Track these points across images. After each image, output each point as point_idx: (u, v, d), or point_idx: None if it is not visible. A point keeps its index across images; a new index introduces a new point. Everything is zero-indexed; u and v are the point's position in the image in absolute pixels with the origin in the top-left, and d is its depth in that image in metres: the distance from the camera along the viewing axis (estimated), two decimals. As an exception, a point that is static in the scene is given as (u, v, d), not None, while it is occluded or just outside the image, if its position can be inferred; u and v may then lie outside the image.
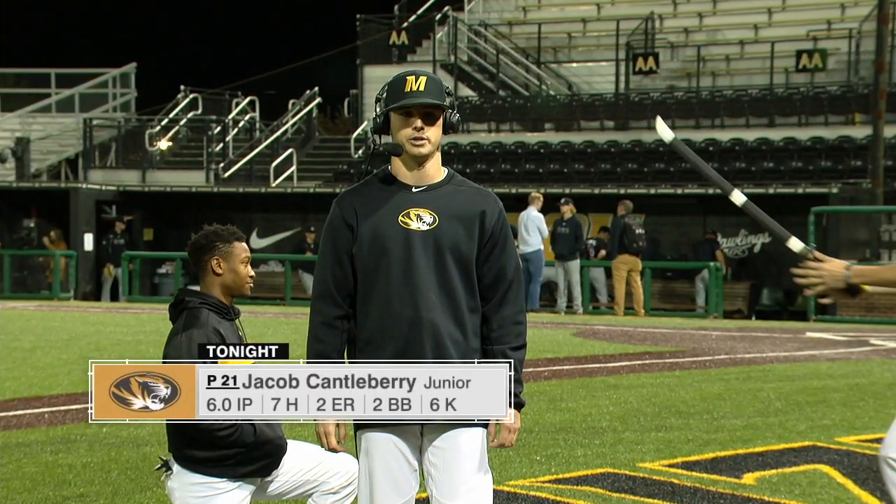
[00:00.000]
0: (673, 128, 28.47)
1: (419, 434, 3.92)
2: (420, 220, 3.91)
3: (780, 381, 11.32)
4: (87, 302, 24.35)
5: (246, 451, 4.54)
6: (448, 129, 3.95)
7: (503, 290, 3.96)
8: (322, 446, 3.97)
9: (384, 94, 3.92)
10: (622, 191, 23.04)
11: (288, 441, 4.74)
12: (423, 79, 3.88)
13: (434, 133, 3.90)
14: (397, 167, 3.97)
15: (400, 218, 3.90)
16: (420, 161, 3.93)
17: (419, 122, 3.88)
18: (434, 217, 3.91)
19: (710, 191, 23.64)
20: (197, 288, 4.73)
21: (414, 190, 3.94)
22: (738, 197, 4.40)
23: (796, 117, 26.15)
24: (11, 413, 9.31)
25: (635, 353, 13.59)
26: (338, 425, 3.90)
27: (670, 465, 7.24)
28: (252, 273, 4.70)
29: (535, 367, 11.81)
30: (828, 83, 26.75)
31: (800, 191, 22.42)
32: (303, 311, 18.71)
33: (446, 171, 4.01)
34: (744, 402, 9.89)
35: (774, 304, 23.02)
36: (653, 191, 23.61)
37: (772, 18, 29.17)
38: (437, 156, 3.98)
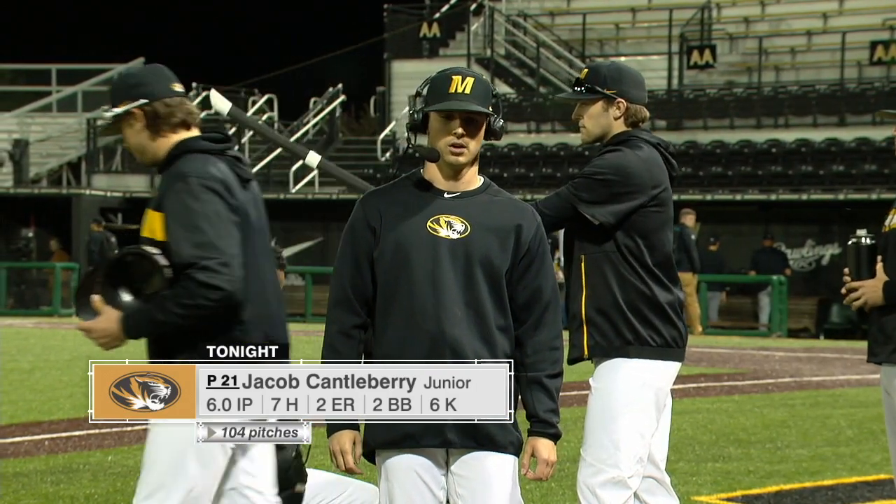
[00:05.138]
0: (731, 128, 28.31)
1: (443, 462, 3.93)
2: (451, 228, 3.93)
3: (852, 407, 11.26)
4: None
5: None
6: (490, 135, 3.97)
7: (539, 312, 3.97)
8: (337, 466, 3.98)
9: (425, 91, 3.95)
10: (675, 197, 22.97)
11: (308, 471, 4.77)
12: (469, 80, 3.89)
13: (475, 142, 3.92)
14: (431, 171, 3.99)
15: (429, 224, 3.92)
16: (457, 169, 3.96)
17: (460, 129, 3.90)
18: (466, 226, 3.93)
19: (773, 196, 23.58)
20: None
21: (446, 196, 3.97)
22: (313, 158, 5.00)
23: (870, 116, 26.00)
24: (8, 440, 9.39)
25: (690, 375, 13.54)
26: (354, 443, 3.90)
27: (729, 499, 7.22)
28: None
29: (580, 391, 11.79)
30: (904, 77, 26.61)
31: (874, 197, 22.29)
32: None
33: (482, 179, 4.03)
34: (811, 430, 9.84)
35: (845, 321, 22.86)
36: (709, 197, 23.55)
37: (843, 6, 29.06)
38: (475, 164, 4.00)
